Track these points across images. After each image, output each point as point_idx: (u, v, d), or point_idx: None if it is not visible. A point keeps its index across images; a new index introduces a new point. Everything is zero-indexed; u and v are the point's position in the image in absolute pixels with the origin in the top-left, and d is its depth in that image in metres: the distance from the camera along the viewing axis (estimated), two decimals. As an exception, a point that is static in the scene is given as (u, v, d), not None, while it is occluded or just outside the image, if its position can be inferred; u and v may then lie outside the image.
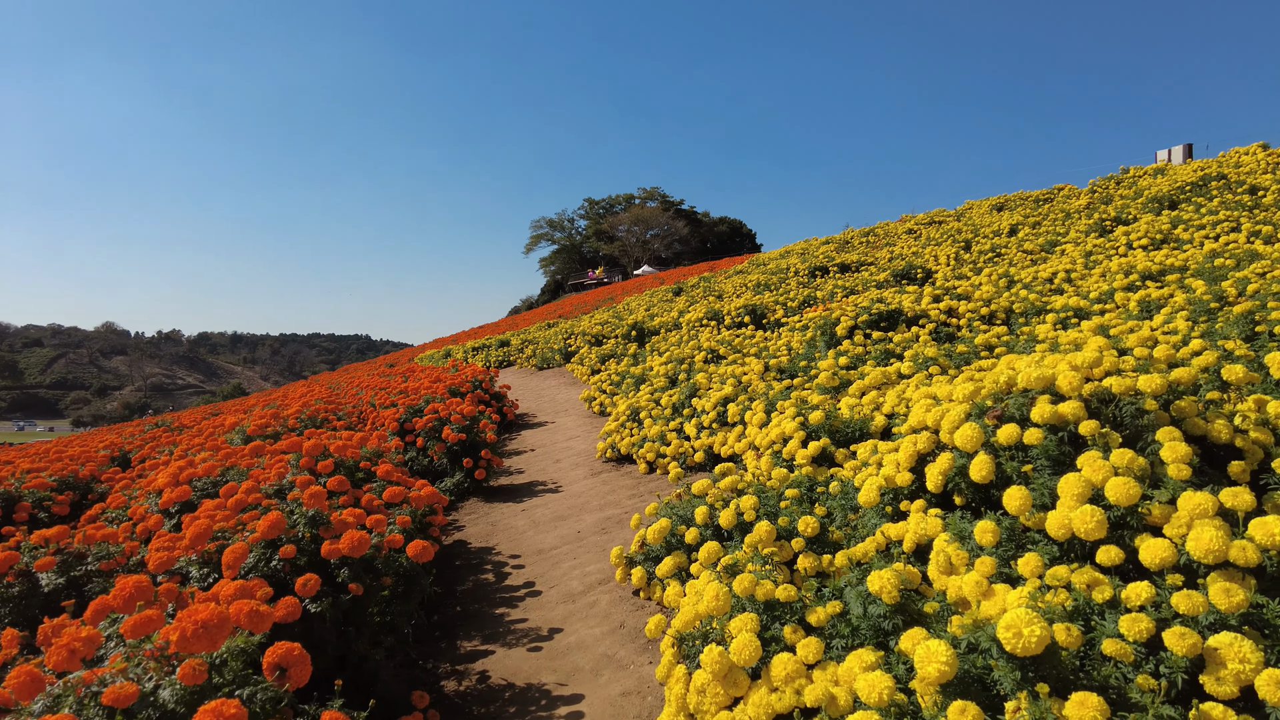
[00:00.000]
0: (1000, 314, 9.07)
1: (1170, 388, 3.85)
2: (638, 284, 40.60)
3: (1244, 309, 6.30)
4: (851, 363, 7.95)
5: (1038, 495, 3.14)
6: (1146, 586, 2.52)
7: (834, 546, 4.26)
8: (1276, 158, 15.46)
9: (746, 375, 8.56)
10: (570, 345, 18.72)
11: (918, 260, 15.21)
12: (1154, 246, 11.20)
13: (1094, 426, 3.24)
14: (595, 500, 7.41)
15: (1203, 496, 2.69)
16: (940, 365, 6.68)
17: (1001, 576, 3.08)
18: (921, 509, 3.80)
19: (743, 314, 13.67)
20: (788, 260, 22.19)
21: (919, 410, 4.15)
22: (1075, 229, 14.09)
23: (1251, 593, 2.40)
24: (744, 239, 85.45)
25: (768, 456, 5.99)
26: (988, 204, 22.44)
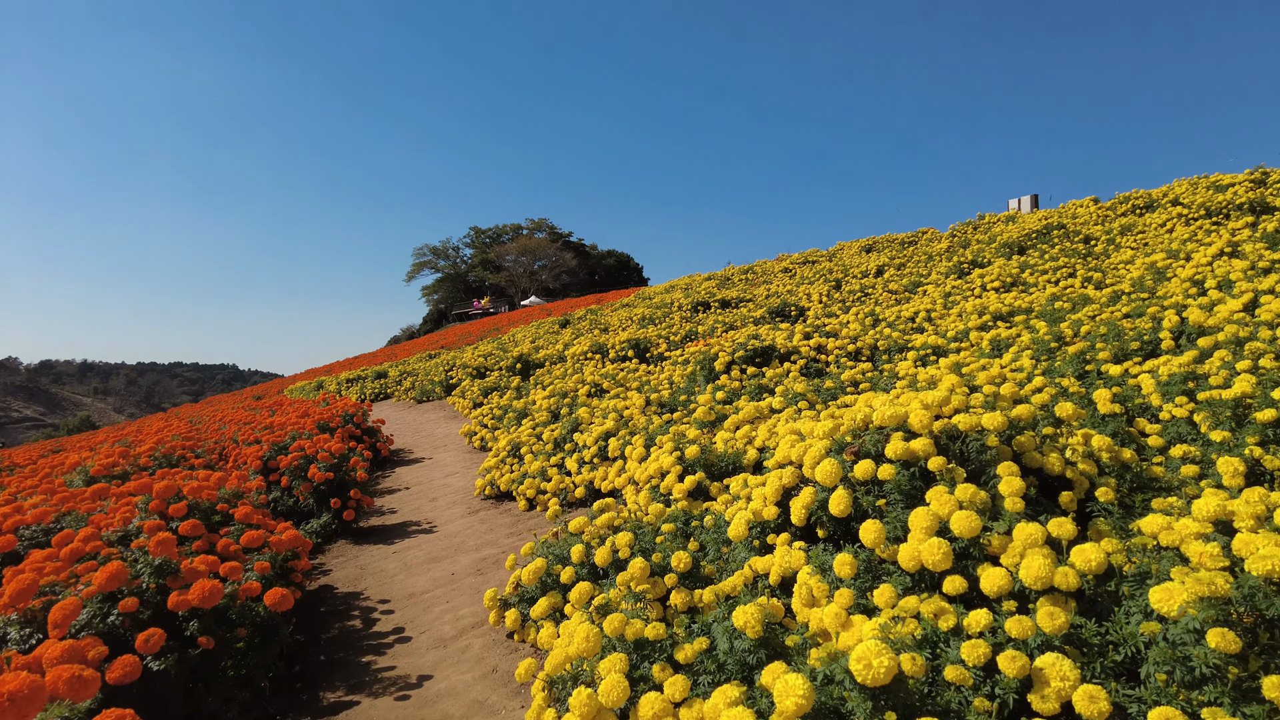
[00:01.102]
0: (866, 351, 9.56)
1: (1012, 424, 4.16)
2: (524, 315, 40.37)
3: (1077, 349, 6.89)
4: (728, 397, 8.17)
5: (891, 528, 3.31)
6: (985, 613, 2.69)
7: (707, 581, 4.33)
8: (1105, 211, 17.11)
9: (628, 409, 8.64)
10: (452, 377, 18.34)
11: (792, 298, 15.86)
12: (1005, 289, 12.12)
13: (941, 462, 3.46)
14: (472, 540, 7.24)
15: (1034, 527, 2.91)
16: (809, 400, 6.96)
17: (860, 607, 3.22)
18: (787, 542, 3.93)
19: (627, 348, 13.81)
20: (672, 295, 22.64)
21: (784, 445, 4.31)
22: (936, 271, 15.07)
23: (1072, 615, 2.61)
24: (631, 272, 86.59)
25: (646, 491, 6.04)
26: (857, 245, 23.70)
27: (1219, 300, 7.09)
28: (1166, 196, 16.11)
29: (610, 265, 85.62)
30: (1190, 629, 2.31)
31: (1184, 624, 2.33)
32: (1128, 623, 2.54)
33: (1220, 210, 13.17)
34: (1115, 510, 3.77)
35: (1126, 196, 17.72)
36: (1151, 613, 2.50)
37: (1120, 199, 17.85)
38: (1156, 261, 10.42)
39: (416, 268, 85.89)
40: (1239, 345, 5.72)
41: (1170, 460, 4.61)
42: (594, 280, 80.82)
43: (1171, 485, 4.19)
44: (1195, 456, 4.54)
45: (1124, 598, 2.68)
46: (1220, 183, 15.69)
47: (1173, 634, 2.36)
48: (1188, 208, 13.99)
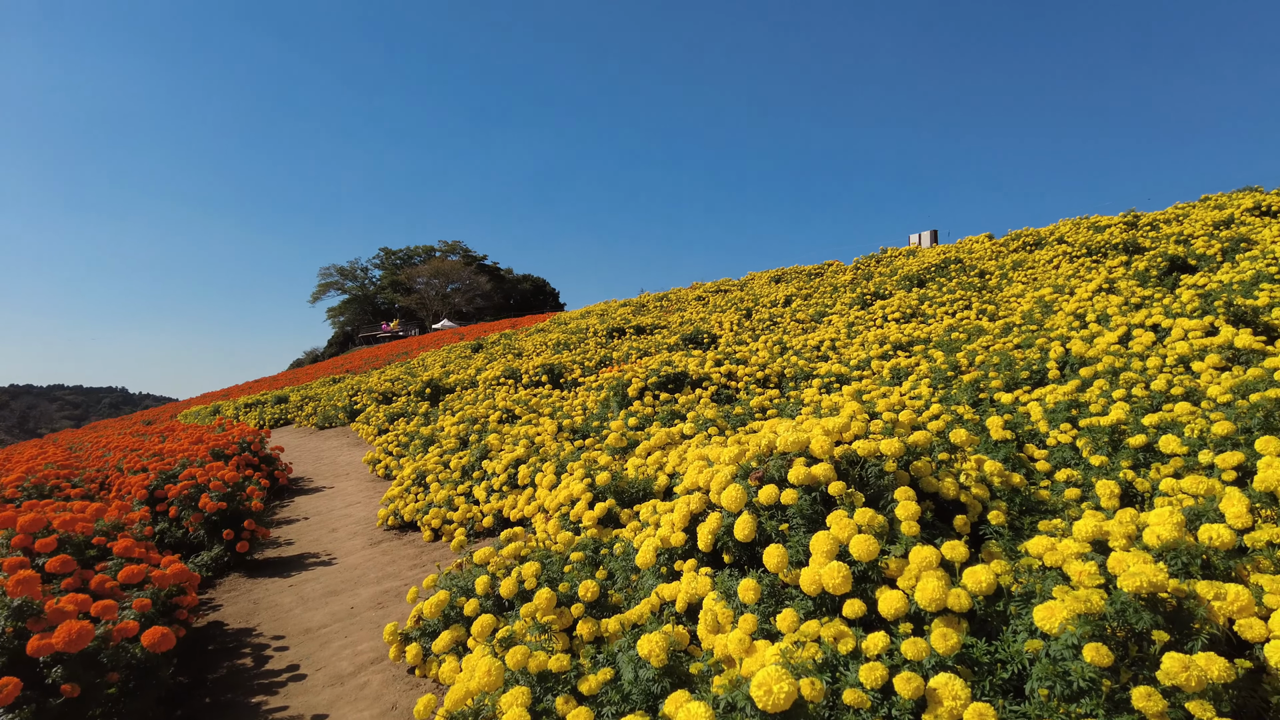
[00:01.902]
0: (774, 378, 9.76)
1: (909, 450, 4.30)
2: (436, 339, 39.58)
3: (972, 378, 7.22)
4: (640, 423, 8.18)
5: (794, 552, 3.35)
6: (883, 636, 2.75)
7: (615, 609, 4.28)
8: (999, 247, 18.10)
9: (540, 436, 8.54)
10: (357, 402, 17.77)
11: (705, 326, 16.08)
12: (905, 320, 12.62)
13: (841, 487, 3.54)
14: (373, 572, 6.97)
15: (928, 551, 3.00)
16: (719, 426, 7.04)
17: (763, 632, 3.24)
18: (693, 568, 3.93)
19: (540, 373, 13.70)
20: (587, 321, 22.65)
21: (692, 471, 4.33)
22: (841, 301, 15.58)
23: (964, 635, 2.69)
24: (547, 297, 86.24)
25: (556, 519, 5.96)
26: (767, 276, 24.31)
27: (1098, 333, 7.57)
28: (1053, 235, 17.18)
29: (526, 290, 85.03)
30: (1069, 645, 2.41)
31: (1063, 640, 2.44)
32: (1015, 641, 2.64)
33: (1099, 249, 14.11)
34: (1006, 532, 3.94)
35: (1018, 234, 18.82)
36: (1035, 630, 2.60)
37: (1012, 236, 18.93)
38: (1044, 295, 11.06)
39: (322, 288, 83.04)
40: (1115, 375, 6.11)
41: (1056, 484, 4.85)
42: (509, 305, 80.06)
43: (1056, 507, 4.41)
44: (1077, 480, 4.79)
45: (1011, 617, 2.78)
46: (1099, 224, 16.85)
47: (1054, 650, 2.46)
48: (1071, 246, 14.94)
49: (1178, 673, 2.25)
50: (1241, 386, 5.03)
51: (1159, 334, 7.23)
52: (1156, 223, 16.08)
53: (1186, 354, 6.18)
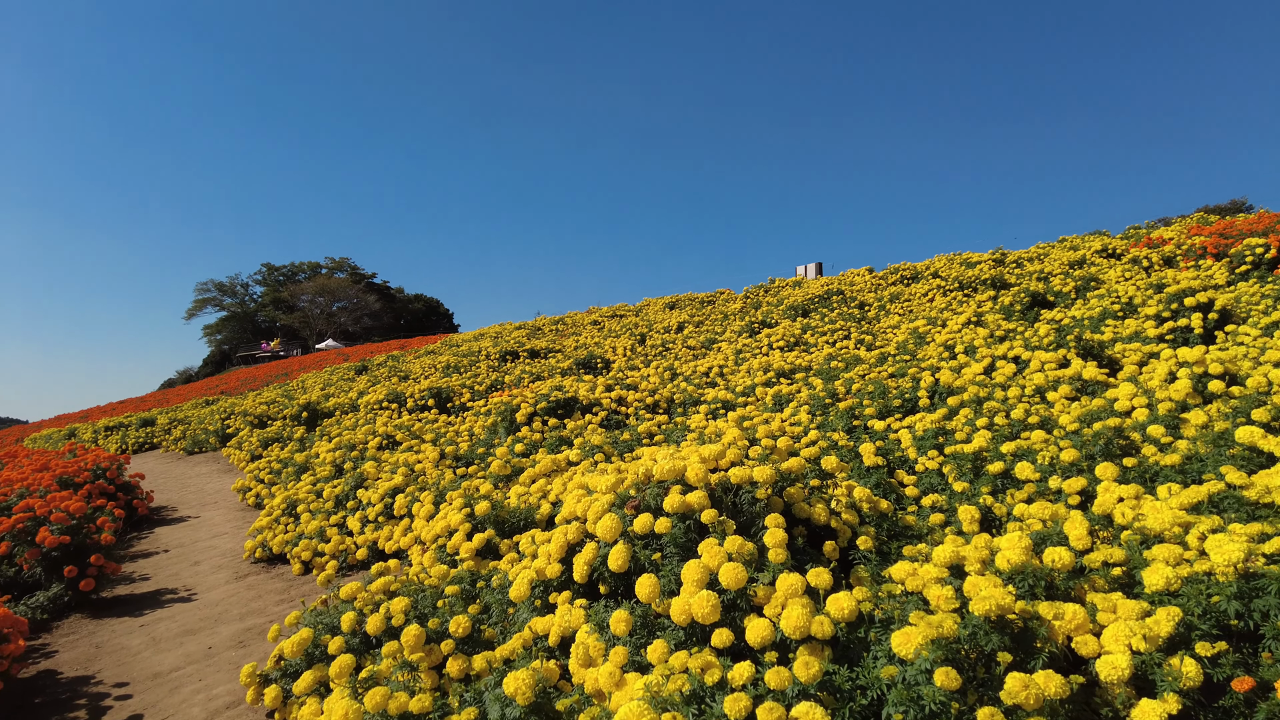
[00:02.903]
0: (663, 403, 9.83)
1: (783, 476, 4.38)
2: (318, 359, 37.95)
3: (847, 405, 7.47)
4: (527, 449, 8.05)
5: (666, 582, 3.34)
6: (749, 666, 2.75)
7: (489, 645, 4.15)
8: (878, 280, 18.96)
9: (421, 464, 8.27)
10: (229, 426, 16.77)
11: (599, 350, 16.09)
12: (789, 348, 12.99)
13: (713, 515, 3.56)
14: (236, 609, 6.52)
15: (794, 578, 3.05)
16: (605, 453, 7.00)
17: (635, 664, 3.20)
18: (568, 600, 3.85)
19: (427, 397, 13.31)
20: (480, 343, 22.26)
21: (571, 500, 4.27)
22: (731, 329, 15.91)
23: (826, 662, 2.73)
24: (441, 318, 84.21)
25: (432, 551, 5.76)
26: (662, 302, 24.62)
27: (965, 364, 8.00)
28: (929, 270, 18.15)
29: (418, 310, 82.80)
30: (922, 670, 2.48)
31: (917, 665, 2.51)
32: (874, 667, 2.70)
33: (970, 284, 14.98)
34: (873, 557, 4.06)
35: (896, 268, 19.78)
36: (894, 656, 2.66)
37: (891, 270, 19.89)
38: (918, 327, 11.63)
39: (198, 304, 78.08)
40: (979, 404, 6.45)
41: (922, 509, 5.06)
42: (399, 325, 77.70)
43: (922, 532, 4.58)
44: (943, 505, 5.01)
45: (872, 643, 2.84)
46: (970, 260, 17.92)
47: (908, 675, 2.53)
48: (945, 280, 15.81)
49: (1018, 692, 2.35)
50: (1087, 415, 5.39)
51: (1019, 365, 7.70)
52: (1021, 260, 17.24)
53: (1042, 384, 6.60)
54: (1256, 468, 4.14)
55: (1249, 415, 4.57)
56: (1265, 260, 11.89)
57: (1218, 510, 3.79)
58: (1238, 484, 3.83)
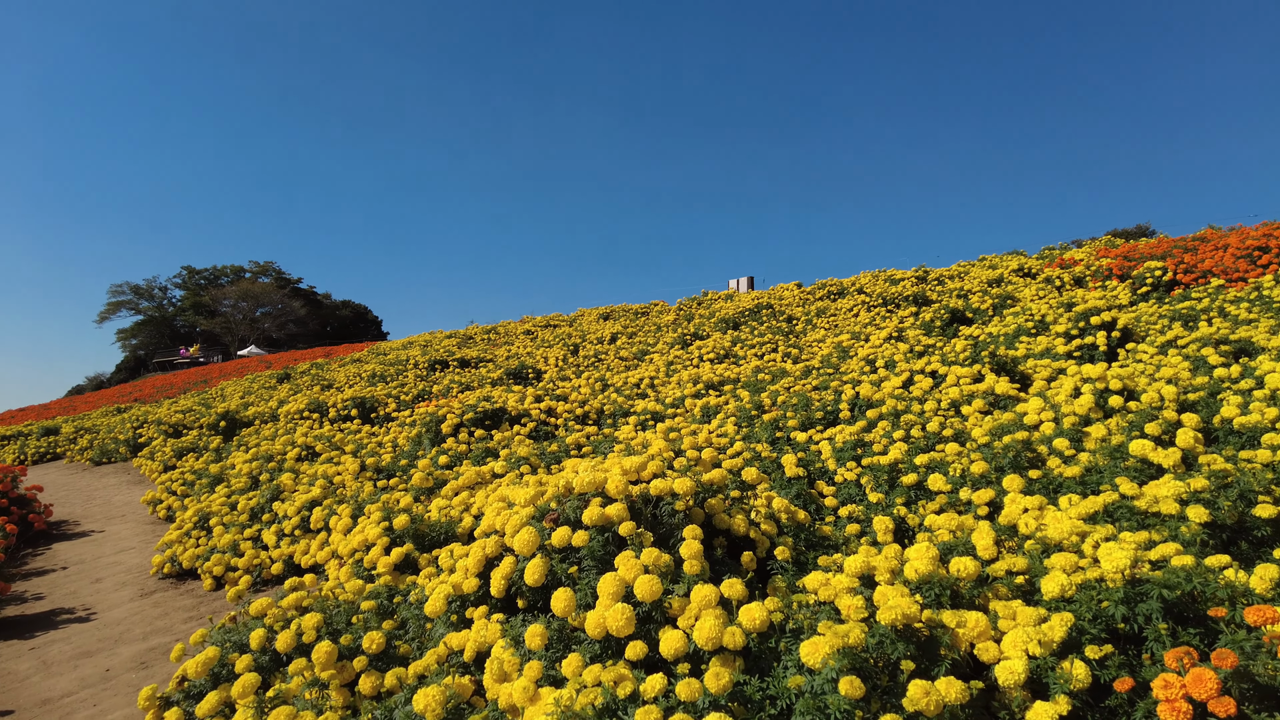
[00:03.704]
0: (593, 414, 9.81)
1: (705, 488, 4.42)
2: (240, 366, 36.66)
3: (772, 417, 7.58)
4: (451, 461, 7.93)
5: (582, 595, 3.32)
6: (661, 678, 2.76)
7: (404, 661, 4.05)
8: (806, 294, 19.37)
9: (340, 475, 8.05)
10: (141, 435, 16.03)
11: (531, 360, 15.98)
12: (719, 360, 13.15)
13: (631, 527, 3.56)
14: (140, 628, 6.22)
15: (709, 589, 3.07)
16: (531, 464, 6.94)
17: (550, 679, 3.17)
18: (485, 615, 3.80)
19: (350, 406, 12.98)
20: (409, 352, 21.85)
21: (490, 513, 4.22)
22: (663, 341, 16.01)
23: (737, 673, 2.76)
24: (369, 325, 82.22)
25: (349, 565, 5.61)
26: (596, 313, 24.61)
27: (885, 378, 8.22)
28: (855, 285, 18.62)
29: (346, 317, 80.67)
30: (829, 679, 2.53)
31: (824, 675, 2.55)
32: (784, 676, 2.73)
33: (894, 300, 15.44)
34: (790, 567, 4.12)
35: (824, 283, 20.25)
36: (803, 666, 2.71)
37: (819, 285, 20.35)
38: (843, 341, 11.91)
39: (112, 307, 74.25)
40: (897, 417, 6.63)
41: (840, 519, 5.17)
42: (326, 332, 75.53)
43: (838, 542, 4.68)
44: (859, 515, 5.13)
45: (783, 653, 2.88)
46: (894, 277, 18.46)
47: (815, 685, 2.57)
48: (870, 296, 16.25)
49: (920, 698, 2.42)
50: (998, 429, 5.60)
51: (936, 379, 7.95)
52: (943, 278, 17.87)
53: (957, 398, 6.84)
54: (1148, 479, 4.37)
55: (1143, 429, 4.82)
56: (1163, 282, 12.59)
57: (1112, 520, 3.98)
58: (1130, 494, 4.03)
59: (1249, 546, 3.66)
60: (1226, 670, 2.18)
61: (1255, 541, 3.67)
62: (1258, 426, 4.73)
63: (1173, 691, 2.21)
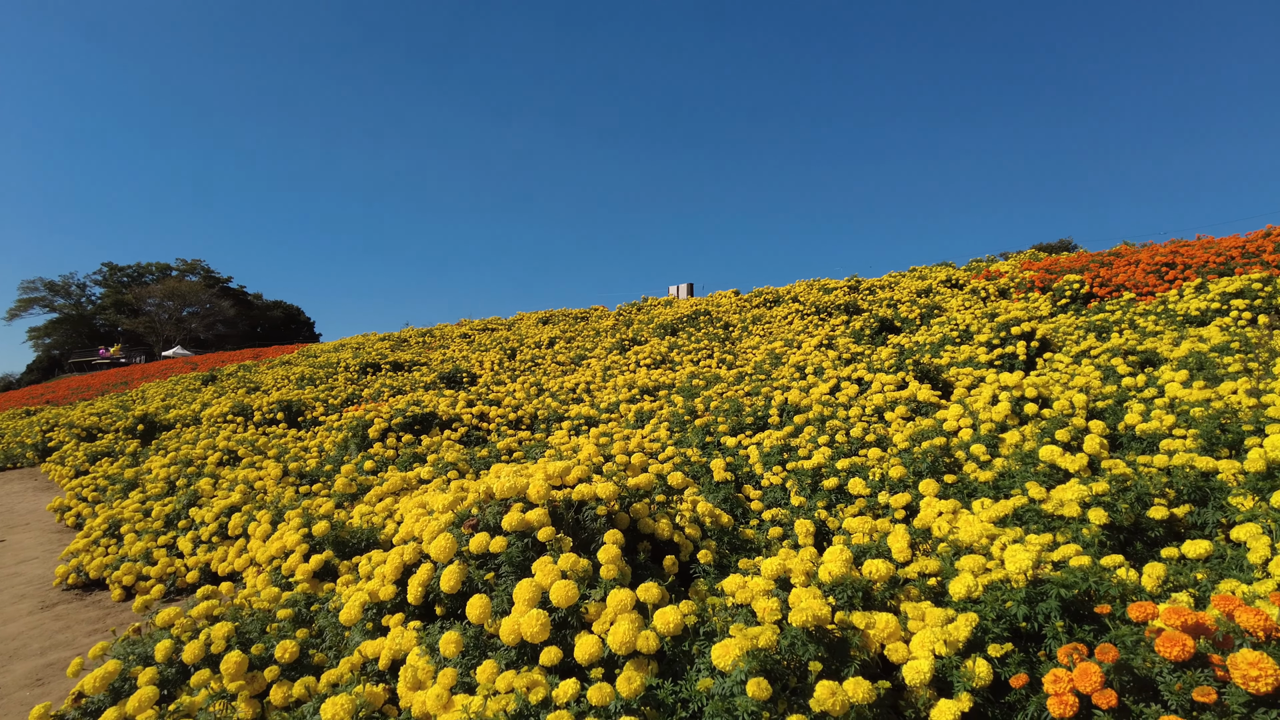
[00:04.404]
0: (527, 419, 9.73)
1: (632, 492, 4.42)
2: (164, 367, 35.25)
3: (703, 422, 7.64)
4: (378, 466, 7.77)
5: (498, 602, 3.28)
6: (574, 683, 2.75)
7: (318, 670, 3.94)
8: (743, 302, 19.62)
9: (262, 481, 7.80)
10: (51, 439, 15.25)
11: (466, 364, 15.78)
12: (655, 365, 13.19)
13: (550, 533, 3.54)
14: (38, 642, 5.90)
15: (625, 593, 3.07)
16: (460, 470, 6.84)
17: (464, 686, 3.13)
18: (401, 622, 3.72)
19: (277, 410, 12.61)
20: (340, 354, 21.34)
21: (409, 520, 4.14)
22: (601, 346, 15.99)
23: (651, 677, 2.76)
24: (301, 326, 79.97)
25: (267, 573, 5.43)
26: (535, 317, 24.46)
27: (814, 384, 8.37)
28: (789, 294, 18.93)
29: (277, 317, 78.24)
30: (738, 681, 2.55)
31: (734, 677, 2.57)
32: (697, 679, 2.75)
33: (826, 308, 15.73)
34: (712, 570, 4.15)
35: (760, 291, 20.53)
36: (714, 668, 2.72)
37: (755, 293, 20.63)
38: (776, 348, 12.08)
39: (22, 304, 70.06)
40: (823, 422, 6.75)
41: (763, 523, 5.23)
42: (256, 333, 73.19)
43: (760, 545, 4.74)
44: (783, 519, 5.20)
45: (696, 656, 2.90)
46: (828, 286, 18.83)
47: (725, 687, 2.59)
48: (804, 305, 16.53)
49: (826, 699, 2.46)
50: (918, 435, 5.76)
51: (862, 386, 8.14)
52: (874, 288, 18.30)
53: (881, 405, 7.00)
54: (1056, 483, 4.54)
55: (1053, 436, 5.00)
56: (1080, 295, 13.14)
57: (1021, 522, 4.13)
58: (1038, 498, 4.18)
59: (1143, 546, 3.83)
60: (1109, 664, 2.27)
61: (1149, 542, 3.85)
62: (1157, 433, 4.96)
63: (1061, 686, 2.30)
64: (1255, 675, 2.00)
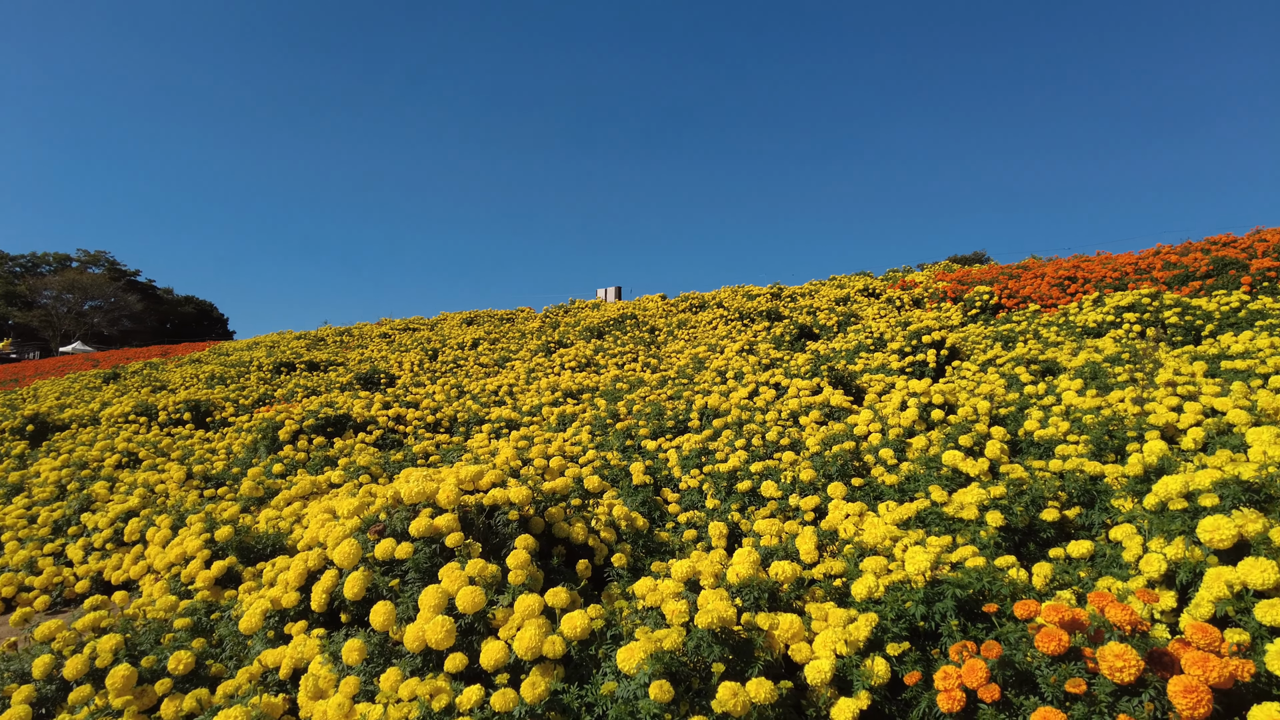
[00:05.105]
0: (446, 422, 9.57)
1: (547, 496, 4.40)
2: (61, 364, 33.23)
3: (624, 425, 7.66)
4: (288, 469, 7.52)
5: (404, 609, 3.22)
6: (478, 689, 2.71)
7: (216, 681, 3.78)
8: (669, 306, 19.77)
9: (164, 484, 7.44)
10: (-73, 442, 14.21)
11: (385, 365, 15.43)
12: (580, 368, 13.16)
13: (459, 538, 3.49)
14: (-98, 658, 5.48)
15: (533, 599, 3.05)
16: (372, 474, 6.68)
17: (367, 694, 3.05)
18: (304, 630, 3.61)
19: (184, 410, 12.03)
20: (254, 353, 20.57)
21: (314, 525, 4.03)
22: (527, 348, 15.87)
23: (557, 682, 2.75)
24: (214, 323, 76.58)
25: (165, 580, 5.19)
26: (459, 317, 24.08)
27: (733, 388, 8.49)
28: (715, 299, 19.17)
29: (189, 313, 74.75)
30: (641, 684, 2.57)
31: (638, 680, 2.59)
32: (603, 683, 2.75)
33: (749, 315, 15.99)
34: (626, 574, 4.16)
35: (687, 296, 20.73)
36: (619, 672, 2.73)
37: (682, 297, 20.82)
38: (699, 353, 12.22)
39: (-106, 293, 65.30)
40: (740, 426, 6.86)
41: (679, 525, 5.27)
42: (166, 330, 69.70)
43: (674, 548, 4.77)
44: (698, 521, 5.25)
45: (602, 660, 2.90)
46: (751, 292, 19.14)
47: (630, 689, 2.60)
48: (728, 310, 16.76)
49: (727, 700, 2.49)
50: (830, 439, 5.90)
51: (780, 391, 8.30)
52: (795, 295, 18.70)
53: (797, 409, 7.15)
54: (958, 486, 4.72)
55: (957, 441, 5.20)
56: (990, 305, 13.71)
57: (923, 525, 4.28)
58: (940, 501, 4.34)
59: (1036, 547, 4.01)
60: (993, 660, 2.38)
61: (1041, 542, 4.04)
62: (1053, 439, 5.21)
63: (950, 682, 2.39)
64: (1120, 666, 2.12)
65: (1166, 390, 5.41)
